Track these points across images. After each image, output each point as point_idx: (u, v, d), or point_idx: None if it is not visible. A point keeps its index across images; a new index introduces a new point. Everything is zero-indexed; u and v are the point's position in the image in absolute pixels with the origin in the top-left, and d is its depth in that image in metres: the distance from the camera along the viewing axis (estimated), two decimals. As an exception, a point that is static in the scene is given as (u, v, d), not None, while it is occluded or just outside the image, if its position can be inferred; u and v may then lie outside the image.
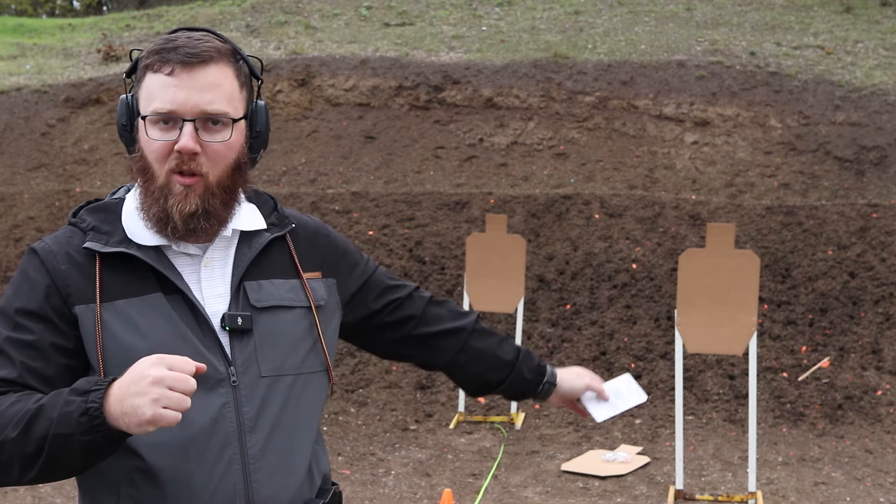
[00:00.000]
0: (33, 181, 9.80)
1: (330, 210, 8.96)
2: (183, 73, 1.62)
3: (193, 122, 1.62)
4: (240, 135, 1.69)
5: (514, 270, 6.83)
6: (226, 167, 1.67)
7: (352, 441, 6.54)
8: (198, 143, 1.62)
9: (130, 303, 1.63)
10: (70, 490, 5.53)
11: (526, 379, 2.08)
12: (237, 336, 1.68)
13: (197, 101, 1.62)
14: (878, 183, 8.76)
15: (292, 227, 1.81)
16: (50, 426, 1.47)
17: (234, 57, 1.69)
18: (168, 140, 1.63)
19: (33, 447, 1.48)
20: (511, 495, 5.67)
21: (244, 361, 1.67)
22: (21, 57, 12.72)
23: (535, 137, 9.81)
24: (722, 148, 9.41)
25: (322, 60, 10.94)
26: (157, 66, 1.64)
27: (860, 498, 5.58)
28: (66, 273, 1.63)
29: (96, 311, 1.61)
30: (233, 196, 1.70)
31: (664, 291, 7.82)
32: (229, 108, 1.66)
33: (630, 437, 6.57)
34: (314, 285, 1.80)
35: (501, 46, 11.27)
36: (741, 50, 10.76)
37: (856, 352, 7.21)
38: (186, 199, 1.63)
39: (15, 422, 1.50)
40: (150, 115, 1.63)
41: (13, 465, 1.51)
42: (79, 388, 1.49)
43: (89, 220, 1.70)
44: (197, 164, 1.63)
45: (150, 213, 1.66)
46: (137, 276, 1.65)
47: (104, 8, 24.48)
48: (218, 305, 1.69)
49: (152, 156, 1.64)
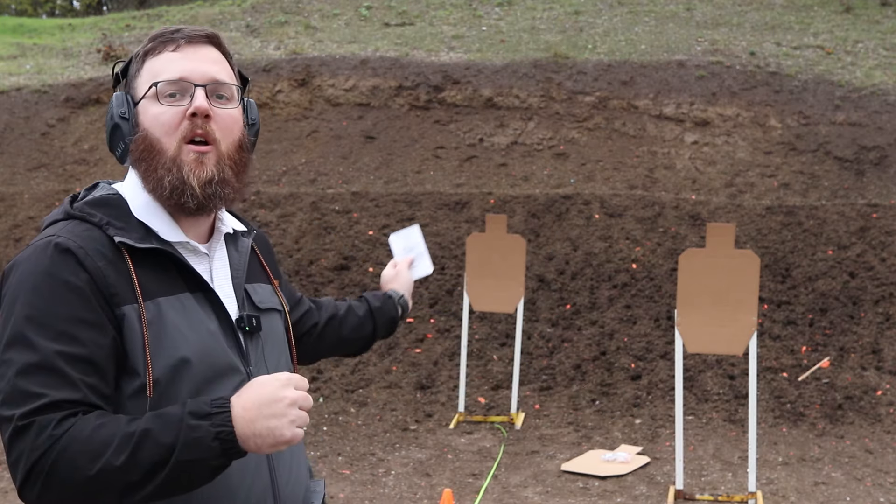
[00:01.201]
0: (33, 181, 9.80)
1: (330, 210, 8.96)
2: (188, 47, 1.65)
3: (205, 87, 1.63)
4: (241, 114, 1.71)
5: (514, 270, 6.83)
6: (234, 140, 1.67)
7: (352, 441, 6.54)
8: (211, 107, 1.63)
9: (168, 301, 1.58)
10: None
11: (387, 314, 2.36)
12: (248, 336, 1.70)
13: (206, 70, 1.64)
14: (878, 183, 8.76)
15: (255, 233, 1.88)
16: (165, 451, 1.41)
17: (229, 55, 1.74)
18: (179, 108, 1.62)
19: (140, 474, 1.41)
20: (511, 495, 5.67)
21: (256, 361, 1.70)
22: (21, 57, 12.71)
23: (535, 137, 9.80)
24: (722, 148, 9.41)
25: (322, 60, 10.94)
26: (159, 48, 1.66)
27: (860, 498, 5.58)
28: (105, 272, 1.52)
29: (140, 310, 1.53)
30: (241, 173, 1.69)
31: (664, 291, 7.82)
32: (233, 82, 1.70)
33: (630, 437, 6.57)
34: (280, 290, 1.90)
35: (501, 46, 11.27)
36: (741, 50, 10.76)
37: (856, 352, 7.20)
38: (202, 166, 1.61)
39: (115, 447, 1.41)
40: (160, 84, 1.61)
41: (110, 491, 1.42)
42: (198, 412, 1.44)
43: (99, 214, 1.60)
44: (210, 129, 1.63)
45: (162, 184, 1.60)
46: (167, 273, 1.60)
47: (104, 8, 24.48)
48: (230, 305, 1.70)
49: (161, 129, 1.61)
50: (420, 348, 7.59)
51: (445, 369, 7.44)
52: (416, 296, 8.12)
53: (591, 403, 7.02)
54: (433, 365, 7.46)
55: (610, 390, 7.11)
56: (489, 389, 7.26)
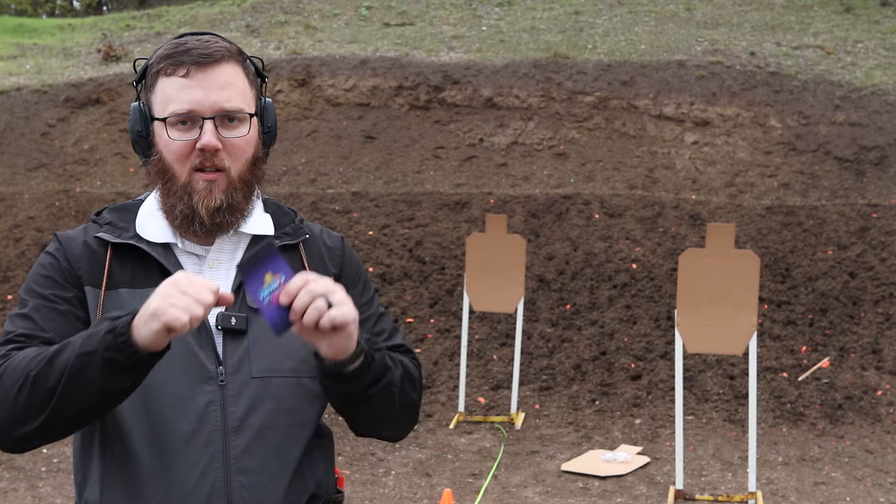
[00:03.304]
0: (33, 181, 9.80)
1: (330, 210, 8.96)
2: (198, 73, 1.66)
3: (213, 119, 1.66)
4: (255, 130, 1.73)
5: (514, 270, 6.83)
6: (245, 162, 1.71)
7: (352, 441, 6.54)
8: (219, 140, 1.66)
9: (132, 293, 1.67)
10: (69, 490, 5.53)
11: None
12: (231, 336, 1.69)
13: (215, 100, 1.66)
14: (878, 183, 8.76)
15: (305, 238, 1.82)
16: (73, 352, 1.51)
17: (241, 56, 1.74)
18: (189, 139, 1.66)
19: (54, 379, 1.51)
20: (511, 495, 5.67)
21: (236, 362, 1.67)
22: (21, 57, 12.72)
23: (535, 137, 9.81)
24: (722, 148, 9.41)
25: (322, 60, 10.95)
26: (170, 69, 1.67)
27: (860, 498, 5.58)
28: (80, 256, 1.70)
29: (100, 294, 1.66)
30: (252, 189, 1.74)
31: (664, 291, 7.82)
32: (244, 104, 1.70)
33: (630, 437, 6.57)
34: None
35: (501, 46, 11.27)
36: (741, 50, 10.76)
37: (856, 352, 7.21)
38: (211, 195, 1.67)
39: (39, 359, 1.54)
40: (169, 117, 1.67)
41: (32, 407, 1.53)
42: (108, 316, 1.54)
43: (108, 217, 1.76)
44: (219, 159, 1.67)
45: (174, 211, 1.69)
46: (144, 269, 1.69)
47: (104, 8, 24.48)
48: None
49: (173, 156, 1.68)
50: (420, 348, 7.59)
51: (445, 369, 7.44)
52: (416, 296, 8.13)
53: (591, 403, 7.02)
54: (433, 365, 7.46)
55: (610, 390, 7.11)
56: (489, 389, 7.26)
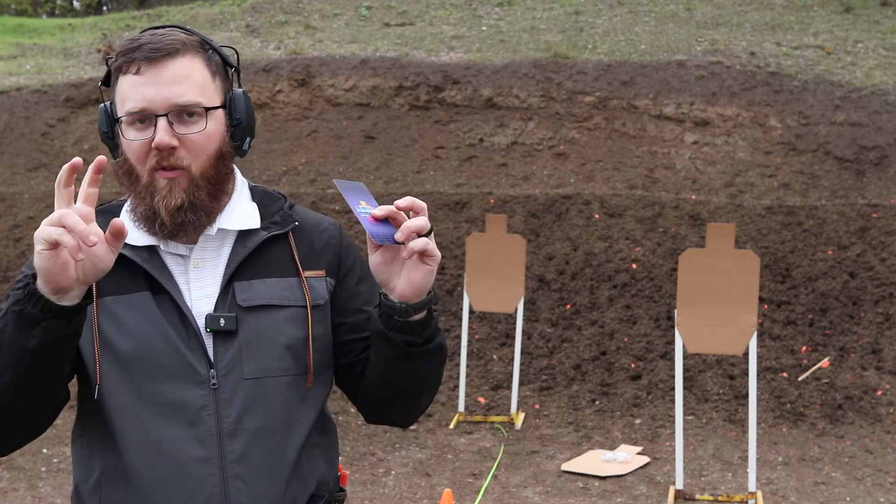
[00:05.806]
0: (33, 181, 9.80)
1: (330, 210, 8.96)
2: (149, 69, 1.62)
3: (166, 116, 1.61)
4: (218, 124, 1.67)
5: (514, 270, 6.83)
6: (207, 158, 1.65)
7: (352, 441, 6.54)
8: (174, 137, 1.61)
9: (117, 300, 1.63)
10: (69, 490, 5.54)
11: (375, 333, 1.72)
12: (221, 337, 1.65)
13: (167, 95, 1.61)
14: (878, 183, 8.76)
15: (295, 226, 1.76)
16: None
17: (203, 47, 1.68)
18: (145, 138, 1.62)
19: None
20: (511, 495, 5.67)
21: (227, 363, 1.64)
22: (21, 57, 12.72)
23: (535, 137, 9.81)
24: (722, 148, 9.41)
25: (322, 60, 10.95)
26: (125, 67, 1.65)
27: (860, 498, 5.58)
28: None
29: (92, 308, 1.61)
30: (219, 187, 1.68)
31: (664, 291, 7.82)
32: (202, 97, 1.64)
33: (630, 437, 6.57)
34: (314, 283, 1.73)
35: (501, 46, 11.27)
36: (741, 50, 10.76)
37: (856, 352, 7.21)
38: (171, 194, 1.62)
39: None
40: (124, 118, 1.64)
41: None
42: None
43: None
44: (177, 157, 1.62)
45: (137, 212, 1.66)
46: (129, 275, 1.65)
47: (104, 8, 24.48)
48: (205, 306, 1.66)
49: (133, 157, 1.64)
50: (420, 348, 7.59)
51: (445, 369, 7.43)
52: (416, 296, 8.12)
53: (591, 403, 7.02)
54: (433, 365, 7.46)
55: (610, 390, 7.11)
56: (489, 389, 7.26)
